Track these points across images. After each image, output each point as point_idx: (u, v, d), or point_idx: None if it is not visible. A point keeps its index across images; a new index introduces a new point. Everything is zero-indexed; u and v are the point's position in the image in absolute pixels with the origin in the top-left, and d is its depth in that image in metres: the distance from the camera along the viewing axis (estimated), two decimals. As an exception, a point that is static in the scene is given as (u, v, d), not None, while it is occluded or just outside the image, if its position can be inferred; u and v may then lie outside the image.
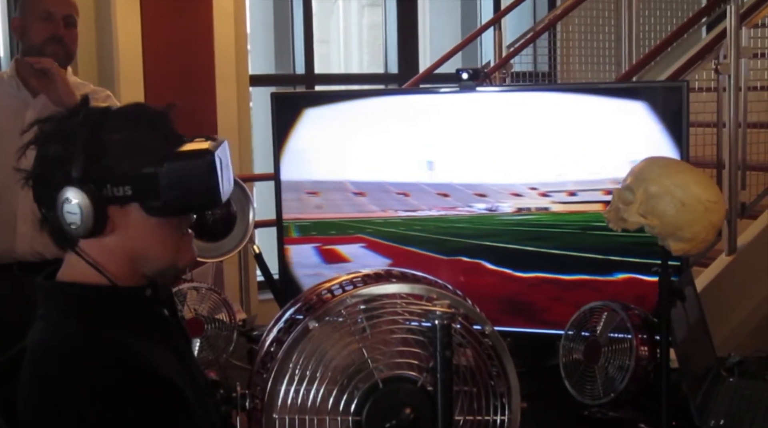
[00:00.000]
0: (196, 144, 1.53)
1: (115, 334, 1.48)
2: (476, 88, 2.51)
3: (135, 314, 1.56)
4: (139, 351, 1.48)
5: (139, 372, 1.44)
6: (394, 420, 1.38)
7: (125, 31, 4.81)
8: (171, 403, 1.45)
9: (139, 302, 1.57)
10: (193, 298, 2.59)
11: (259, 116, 6.15)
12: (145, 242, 1.53)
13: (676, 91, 2.32)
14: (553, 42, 6.75)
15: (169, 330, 1.62)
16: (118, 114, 1.56)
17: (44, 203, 1.51)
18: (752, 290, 4.29)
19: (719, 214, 1.92)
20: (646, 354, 2.08)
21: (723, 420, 2.05)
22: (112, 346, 1.46)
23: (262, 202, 4.38)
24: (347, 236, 2.64)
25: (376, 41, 7.46)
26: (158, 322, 1.61)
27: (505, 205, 2.47)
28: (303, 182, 2.66)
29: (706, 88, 4.60)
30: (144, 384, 1.43)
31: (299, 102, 2.69)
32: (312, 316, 1.40)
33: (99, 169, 1.47)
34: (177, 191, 1.49)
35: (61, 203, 1.46)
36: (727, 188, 4.16)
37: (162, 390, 1.45)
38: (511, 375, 1.44)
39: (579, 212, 2.41)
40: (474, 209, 2.50)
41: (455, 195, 2.52)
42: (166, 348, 1.56)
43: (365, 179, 2.60)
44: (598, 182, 2.36)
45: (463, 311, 1.42)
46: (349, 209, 2.62)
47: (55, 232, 1.53)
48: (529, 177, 2.45)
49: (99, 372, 1.42)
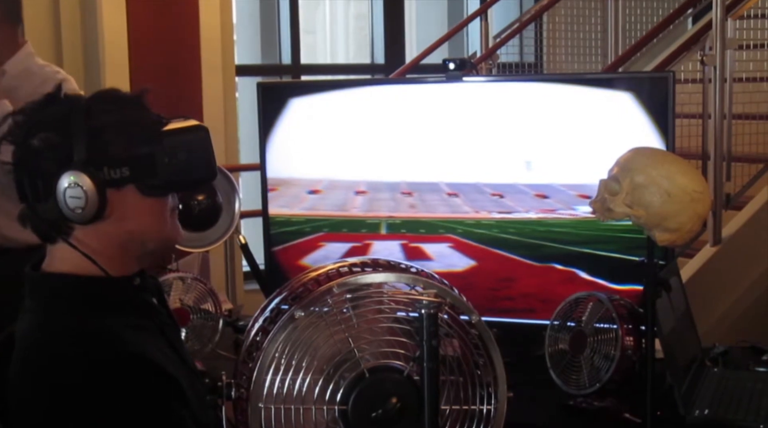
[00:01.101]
0: (181, 122, 1.54)
1: (107, 324, 1.48)
2: (463, 79, 2.51)
3: (126, 304, 1.55)
4: (133, 340, 1.47)
5: (134, 361, 1.44)
6: (381, 409, 1.38)
7: (111, 20, 4.78)
8: (166, 392, 1.45)
9: (130, 292, 1.57)
10: (179, 288, 2.58)
11: (245, 106, 6.13)
12: (141, 223, 1.54)
13: (663, 82, 2.32)
14: (540, 33, 6.75)
15: (159, 319, 1.62)
16: (102, 98, 1.56)
17: (33, 195, 1.50)
18: (737, 281, 4.31)
19: (705, 204, 1.93)
20: (632, 344, 2.08)
21: (707, 410, 2.06)
22: (105, 336, 1.46)
23: (248, 192, 4.37)
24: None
25: (362, 32, 7.45)
26: (148, 311, 1.60)
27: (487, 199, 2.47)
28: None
29: (692, 79, 4.61)
30: (139, 373, 1.43)
31: (285, 92, 2.68)
32: (298, 305, 1.40)
33: (96, 152, 1.47)
34: (176, 168, 1.51)
35: (62, 190, 1.45)
36: (712, 179, 4.17)
37: (157, 379, 1.45)
38: (498, 365, 1.45)
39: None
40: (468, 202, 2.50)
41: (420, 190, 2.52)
42: (158, 336, 1.56)
43: (354, 171, 2.60)
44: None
45: (449, 300, 1.42)
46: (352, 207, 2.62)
47: (44, 224, 1.52)
48: (516, 168, 2.45)
49: (94, 363, 1.42)
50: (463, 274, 2.49)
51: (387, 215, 2.58)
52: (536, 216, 2.43)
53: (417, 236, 2.56)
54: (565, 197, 2.41)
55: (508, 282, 2.48)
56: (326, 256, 2.61)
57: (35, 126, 1.51)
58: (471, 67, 2.61)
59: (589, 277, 2.39)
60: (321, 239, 2.65)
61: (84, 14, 4.90)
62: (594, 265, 2.39)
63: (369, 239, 2.61)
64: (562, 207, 2.41)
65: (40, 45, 4.76)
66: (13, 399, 1.46)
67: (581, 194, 2.37)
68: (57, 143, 1.47)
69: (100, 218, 1.48)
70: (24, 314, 1.53)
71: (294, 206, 2.67)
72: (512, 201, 2.45)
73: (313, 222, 2.65)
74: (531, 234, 2.44)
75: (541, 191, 2.43)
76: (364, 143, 2.58)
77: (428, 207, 2.54)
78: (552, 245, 2.43)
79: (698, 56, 4.35)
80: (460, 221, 2.50)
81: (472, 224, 2.49)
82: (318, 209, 2.65)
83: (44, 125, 1.50)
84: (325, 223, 2.64)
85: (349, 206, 2.61)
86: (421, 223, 2.55)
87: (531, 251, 2.44)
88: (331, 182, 2.63)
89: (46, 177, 1.47)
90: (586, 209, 2.26)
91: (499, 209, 2.46)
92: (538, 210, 2.43)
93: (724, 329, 4.01)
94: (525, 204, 2.44)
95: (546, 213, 2.42)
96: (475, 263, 2.50)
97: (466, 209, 2.49)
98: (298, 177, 2.66)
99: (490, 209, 2.47)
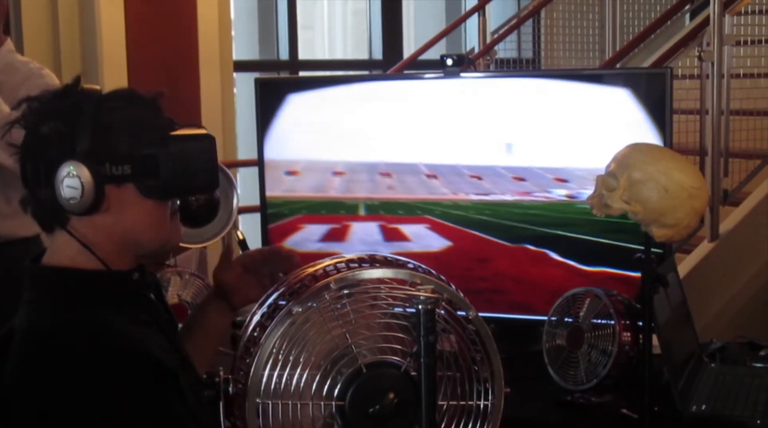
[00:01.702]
0: (190, 129, 1.55)
1: (107, 318, 1.48)
2: (460, 74, 2.51)
3: (125, 298, 1.56)
4: (133, 334, 1.48)
5: (134, 355, 1.44)
6: (378, 405, 1.38)
7: (109, 15, 4.78)
8: (166, 387, 1.46)
9: (129, 286, 1.57)
10: (177, 284, 2.58)
11: (242, 101, 6.13)
12: (138, 222, 1.55)
13: (660, 78, 2.32)
14: (538, 28, 6.76)
15: (157, 315, 1.62)
16: (116, 95, 1.58)
17: (34, 180, 1.51)
18: (734, 276, 4.31)
19: (702, 200, 1.93)
20: (629, 339, 2.08)
21: (704, 406, 2.06)
22: (105, 330, 1.46)
23: (246, 188, 4.37)
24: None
25: (360, 27, 7.44)
26: (147, 306, 1.61)
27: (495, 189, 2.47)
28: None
29: (690, 75, 4.61)
30: (139, 368, 1.44)
31: (283, 88, 2.68)
32: (295, 301, 1.40)
33: (100, 146, 1.49)
34: (178, 172, 1.52)
35: (60, 178, 1.47)
36: (709, 175, 4.18)
37: (157, 374, 1.45)
38: (495, 361, 1.44)
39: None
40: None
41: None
42: (156, 332, 1.57)
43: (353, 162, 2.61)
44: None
45: (447, 296, 1.41)
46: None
47: (42, 210, 1.53)
48: (514, 163, 2.45)
49: (93, 356, 1.42)
50: (438, 254, 2.50)
51: (365, 196, 2.59)
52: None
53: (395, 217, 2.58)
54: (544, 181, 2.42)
55: (482, 263, 2.49)
56: (306, 238, 2.62)
57: (46, 114, 1.52)
58: (469, 63, 2.61)
59: (559, 258, 2.41)
60: (300, 221, 2.65)
61: (82, 10, 4.90)
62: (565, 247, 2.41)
63: (347, 221, 2.61)
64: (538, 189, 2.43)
65: (37, 41, 4.78)
66: (10, 393, 1.46)
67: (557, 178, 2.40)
68: (63, 133, 1.49)
69: (95, 211, 1.49)
70: (22, 307, 1.53)
71: (274, 188, 2.67)
72: (491, 184, 2.47)
73: (291, 204, 2.66)
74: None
75: (520, 174, 2.44)
76: (361, 137, 2.58)
77: (408, 190, 2.55)
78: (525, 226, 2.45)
79: (696, 52, 4.36)
80: (438, 202, 2.51)
81: (450, 205, 2.50)
82: (296, 191, 2.65)
83: (55, 114, 1.52)
84: (303, 205, 2.65)
85: (328, 188, 2.62)
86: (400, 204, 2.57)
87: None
88: (309, 163, 2.64)
89: (48, 164, 1.49)
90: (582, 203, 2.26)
91: (478, 192, 2.48)
92: (515, 193, 2.43)
93: (722, 324, 4.02)
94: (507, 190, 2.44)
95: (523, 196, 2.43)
96: (451, 244, 2.51)
97: (444, 190, 2.51)
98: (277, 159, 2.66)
99: (468, 193, 2.48)
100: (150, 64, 4.88)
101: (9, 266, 1.78)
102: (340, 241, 2.61)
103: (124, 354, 1.44)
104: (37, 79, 2.92)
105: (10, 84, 2.87)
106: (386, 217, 2.58)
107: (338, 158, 2.62)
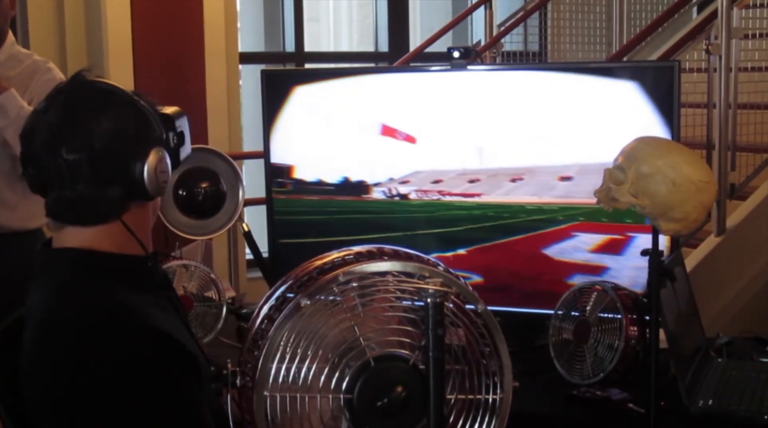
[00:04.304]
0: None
1: (130, 299, 1.49)
2: (467, 67, 2.50)
3: (145, 282, 1.58)
4: (156, 316, 1.48)
5: (159, 336, 1.44)
6: (386, 398, 1.38)
7: (114, 7, 4.77)
8: (189, 371, 1.46)
9: (148, 270, 1.59)
10: (183, 276, 2.58)
11: (248, 93, 6.13)
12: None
13: (668, 71, 2.31)
14: (544, 21, 6.74)
15: (173, 302, 1.63)
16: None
17: (98, 178, 1.51)
18: (740, 271, 4.30)
19: (710, 194, 1.92)
20: (636, 334, 2.08)
21: (711, 400, 2.06)
22: (128, 310, 1.46)
23: (251, 180, 4.37)
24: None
25: (366, 20, 7.43)
26: (164, 292, 1.62)
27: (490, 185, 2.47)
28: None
29: (697, 68, 4.60)
30: (164, 348, 1.44)
31: (289, 80, 2.68)
32: (303, 294, 1.40)
33: (162, 131, 1.60)
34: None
35: (152, 166, 1.52)
36: (716, 169, 4.16)
37: (180, 356, 1.45)
38: (504, 354, 1.44)
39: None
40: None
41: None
42: (175, 318, 1.57)
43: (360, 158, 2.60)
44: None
45: (455, 289, 1.41)
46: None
47: (100, 206, 1.53)
48: (520, 156, 2.44)
49: (118, 335, 1.42)
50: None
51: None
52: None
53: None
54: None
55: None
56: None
57: (116, 110, 1.56)
58: (475, 56, 2.60)
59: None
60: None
61: (87, 3, 4.89)
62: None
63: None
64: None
65: (42, 34, 4.78)
66: (29, 374, 1.45)
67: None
68: (137, 125, 1.56)
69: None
70: (35, 292, 1.52)
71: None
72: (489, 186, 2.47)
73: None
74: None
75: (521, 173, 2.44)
76: (366, 129, 2.58)
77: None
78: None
79: (703, 45, 4.34)
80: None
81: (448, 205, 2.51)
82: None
83: (121, 109, 1.56)
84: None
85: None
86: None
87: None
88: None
89: (132, 156, 1.53)
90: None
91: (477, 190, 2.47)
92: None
93: (728, 319, 4.01)
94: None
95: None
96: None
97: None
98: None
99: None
100: (156, 57, 4.87)
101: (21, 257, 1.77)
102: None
103: (150, 333, 1.44)
104: (45, 74, 2.93)
105: (17, 78, 2.88)
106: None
107: (343, 150, 2.61)
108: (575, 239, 2.42)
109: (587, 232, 2.41)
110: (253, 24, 6.78)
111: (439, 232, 2.55)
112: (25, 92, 2.82)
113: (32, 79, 2.91)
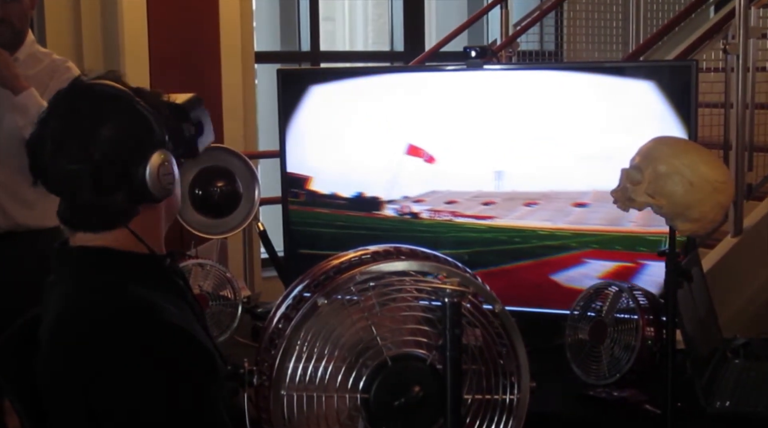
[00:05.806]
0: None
1: (148, 296, 1.50)
2: (483, 67, 2.49)
3: (163, 281, 1.59)
4: (175, 313, 1.49)
5: (179, 333, 1.45)
6: (403, 398, 1.38)
7: (130, 7, 4.78)
8: (205, 367, 1.47)
9: (164, 270, 1.60)
10: (198, 274, 2.59)
11: (264, 93, 6.13)
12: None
13: (685, 71, 2.30)
14: (560, 21, 6.72)
15: (190, 301, 1.63)
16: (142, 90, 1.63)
17: (106, 184, 1.51)
18: (757, 271, 4.28)
19: (727, 194, 1.91)
20: (652, 334, 2.07)
21: (728, 402, 2.05)
22: (147, 306, 1.47)
23: (267, 179, 4.37)
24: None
25: (381, 19, 7.42)
26: (181, 291, 1.62)
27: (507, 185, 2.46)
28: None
29: (714, 68, 4.58)
30: (183, 346, 1.45)
31: (305, 79, 2.68)
32: (320, 293, 1.40)
33: (166, 134, 1.59)
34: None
35: (154, 170, 1.51)
36: (733, 169, 4.14)
37: (199, 354, 1.46)
38: (521, 354, 1.44)
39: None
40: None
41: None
42: (193, 317, 1.58)
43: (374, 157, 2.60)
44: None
45: (473, 289, 1.41)
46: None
47: (110, 211, 1.53)
48: (537, 177, 2.43)
49: (137, 331, 1.43)
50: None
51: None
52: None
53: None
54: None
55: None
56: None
57: (128, 113, 1.56)
58: (491, 55, 2.60)
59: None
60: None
61: (103, 2, 4.90)
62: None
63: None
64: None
65: (59, 33, 4.79)
66: (44, 366, 1.46)
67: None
68: (146, 127, 1.55)
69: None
70: (52, 288, 1.53)
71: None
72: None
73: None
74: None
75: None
76: (382, 129, 2.57)
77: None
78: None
79: (721, 45, 4.32)
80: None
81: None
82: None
83: (133, 111, 1.55)
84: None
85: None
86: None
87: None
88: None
89: (137, 158, 1.52)
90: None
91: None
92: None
93: (746, 320, 3.99)
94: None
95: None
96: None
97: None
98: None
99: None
100: (171, 56, 4.88)
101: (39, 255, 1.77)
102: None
103: (169, 330, 1.45)
104: (64, 73, 2.94)
105: (37, 77, 2.89)
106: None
107: (358, 149, 2.61)
108: (586, 266, 2.40)
109: (599, 259, 2.39)
110: (268, 23, 6.79)
111: (445, 253, 2.52)
112: (45, 91, 2.83)
113: (52, 78, 2.92)
